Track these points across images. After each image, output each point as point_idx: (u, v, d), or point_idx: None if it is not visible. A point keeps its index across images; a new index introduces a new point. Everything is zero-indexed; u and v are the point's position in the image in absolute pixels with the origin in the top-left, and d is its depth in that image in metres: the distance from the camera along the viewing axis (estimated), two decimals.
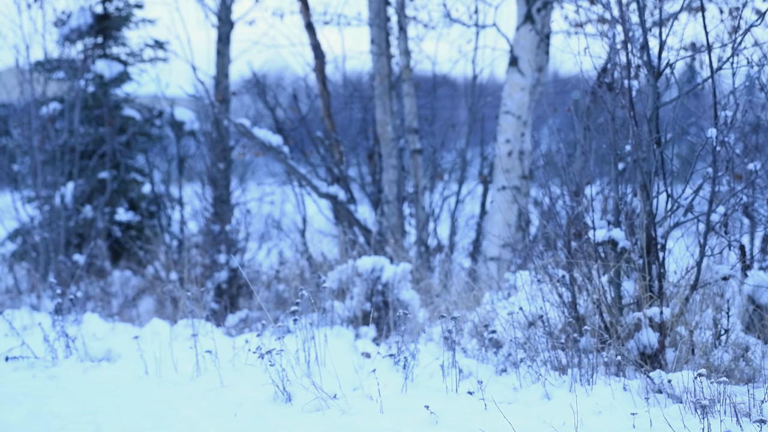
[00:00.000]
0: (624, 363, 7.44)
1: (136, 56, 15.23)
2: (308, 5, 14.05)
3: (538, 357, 7.50)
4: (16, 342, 8.57)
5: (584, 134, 8.76)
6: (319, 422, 6.44)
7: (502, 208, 12.36)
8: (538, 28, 12.38)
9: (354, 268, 10.22)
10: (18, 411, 6.65)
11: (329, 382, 6.95)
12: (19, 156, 14.60)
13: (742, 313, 8.12)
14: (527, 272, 8.47)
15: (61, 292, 9.49)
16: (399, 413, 6.46)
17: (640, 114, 7.77)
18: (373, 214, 13.83)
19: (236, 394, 7.16)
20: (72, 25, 14.60)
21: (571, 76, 12.87)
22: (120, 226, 14.72)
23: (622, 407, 6.53)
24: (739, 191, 7.82)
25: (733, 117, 7.64)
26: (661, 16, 8.24)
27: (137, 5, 15.12)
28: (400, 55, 13.56)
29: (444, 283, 11.10)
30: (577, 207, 7.92)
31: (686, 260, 7.95)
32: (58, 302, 8.77)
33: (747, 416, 6.20)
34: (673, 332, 7.57)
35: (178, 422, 6.46)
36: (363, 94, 14.97)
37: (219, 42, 14.59)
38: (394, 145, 13.31)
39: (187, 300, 9.01)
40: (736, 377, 7.32)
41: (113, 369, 8.25)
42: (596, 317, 7.67)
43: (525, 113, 12.43)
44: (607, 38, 8.33)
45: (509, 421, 6.06)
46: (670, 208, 7.81)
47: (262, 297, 12.03)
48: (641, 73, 7.95)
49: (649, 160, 7.73)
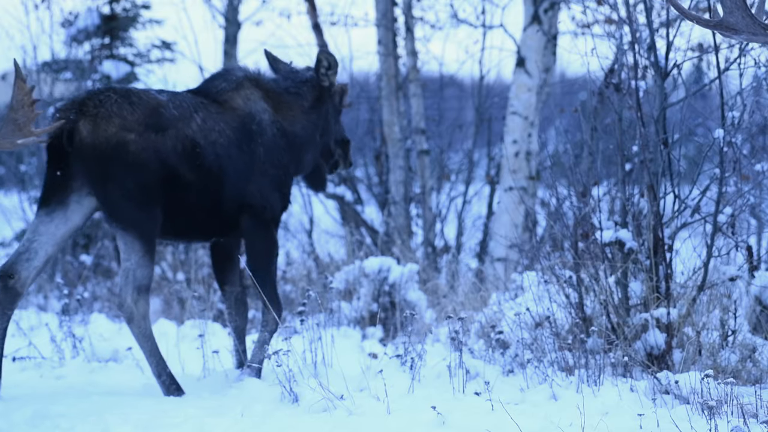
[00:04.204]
0: (631, 364, 7.43)
1: (143, 57, 15.25)
2: (315, 6, 14.06)
3: (545, 358, 7.49)
4: (23, 342, 8.59)
5: (591, 135, 8.75)
6: (326, 423, 6.43)
7: (509, 209, 12.36)
8: (545, 28, 12.38)
9: (361, 268, 10.23)
10: (25, 411, 6.65)
11: (336, 383, 6.95)
12: (26, 156, 14.62)
13: (749, 314, 8.11)
14: (534, 273, 8.46)
15: (68, 292, 9.50)
16: (406, 414, 6.46)
17: (648, 115, 7.77)
18: (380, 214, 13.84)
19: (243, 395, 7.16)
20: (79, 26, 14.62)
21: (578, 76, 12.86)
22: None
23: (629, 408, 6.53)
24: (747, 192, 7.81)
25: (740, 118, 7.63)
26: (669, 16, 8.23)
27: (144, 6, 15.14)
28: (407, 55, 13.56)
29: (451, 284, 11.11)
30: (584, 208, 7.91)
31: (693, 261, 7.93)
32: (66, 303, 8.78)
33: (754, 417, 6.18)
34: (680, 333, 7.56)
35: (186, 422, 6.46)
36: (370, 95, 14.97)
37: (226, 43, 14.61)
38: (402, 146, 13.32)
39: (194, 300, 9.01)
40: (744, 378, 7.31)
41: (120, 369, 8.26)
42: (603, 318, 7.66)
43: (532, 114, 12.42)
44: (614, 39, 8.33)
45: (516, 422, 6.06)
46: (677, 208, 7.81)
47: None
48: (648, 74, 7.95)
49: (657, 161, 7.72)
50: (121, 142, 7.00)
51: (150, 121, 7.10)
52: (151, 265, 7.09)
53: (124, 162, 7.00)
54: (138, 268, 7.05)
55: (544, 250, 8.51)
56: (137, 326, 7.13)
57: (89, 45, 14.75)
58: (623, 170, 7.86)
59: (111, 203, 7.00)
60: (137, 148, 7.03)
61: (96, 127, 6.99)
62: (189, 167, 7.25)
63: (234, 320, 7.85)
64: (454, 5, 14.24)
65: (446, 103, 15.50)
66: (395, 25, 13.41)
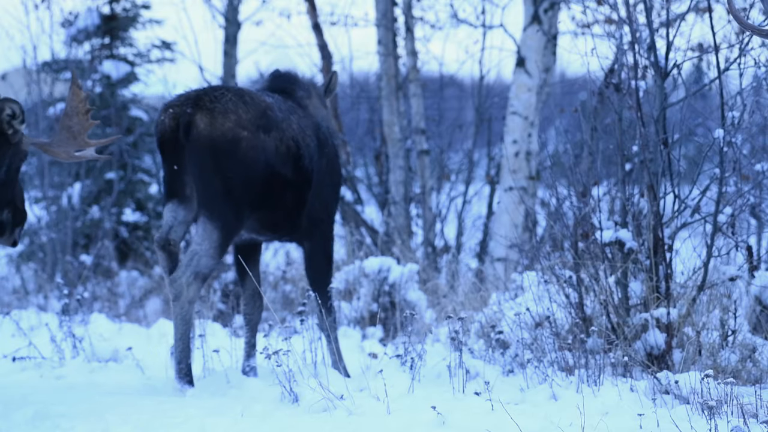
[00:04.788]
0: (631, 364, 7.43)
1: (143, 57, 15.27)
2: (315, 6, 14.07)
3: (545, 358, 7.49)
4: (23, 342, 8.58)
5: (591, 135, 8.75)
6: (326, 423, 6.44)
7: (509, 209, 12.36)
8: (545, 28, 12.38)
9: (361, 268, 10.23)
10: (26, 411, 6.66)
11: (336, 383, 6.95)
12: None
13: (749, 314, 8.11)
14: (534, 273, 8.46)
15: (68, 292, 9.50)
16: (406, 414, 6.46)
17: (648, 115, 7.77)
18: (380, 214, 13.84)
19: (243, 395, 7.16)
20: (79, 26, 14.63)
21: (578, 76, 12.85)
22: (127, 226, 14.75)
23: (629, 408, 6.53)
24: (747, 192, 7.81)
25: (740, 118, 7.64)
26: (669, 16, 8.24)
27: (144, 6, 15.15)
28: (407, 55, 13.56)
29: (451, 284, 11.11)
30: (584, 208, 7.91)
31: (693, 261, 7.94)
32: (66, 303, 8.78)
33: (754, 417, 6.19)
34: (680, 333, 7.57)
35: (186, 422, 6.46)
36: (370, 95, 14.97)
37: (226, 43, 14.62)
38: (402, 146, 13.33)
39: None
40: (744, 378, 7.31)
41: (120, 369, 8.26)
42: (603, 318, 7.67)
43: (532, 114, 12.43)
44: (614, 39, 8.33)
45: (516, 422, 6.06)
46: (677, 208, 7.81)
47: (269, 297, 12.04)
48: (648, 74, 7.95)
49: (656, 161, 7.72)
50: (235, 138, 7.23)
51: (260, 121, 7.34)
52: (218, 259, 7.32)
53: (235, 158, 7.22)
54: (205, 256, 7.24)
55: (544, 250, 8.51)
56: (181, 307, 7.27)
57: (89, 45, 14.76)
58: (623, 170, 7.86)
59: (210, 193, 7.23)
60: (248, 145, 7.26)
61: (213, 120, 7.21)
62: (288, 168, 7.50)
63: (250, 313, 7.99)
64: (454, 5, 14.25)
65: (446, 103, 15.50)
66: (395, 25, 13.41)
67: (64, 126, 6.97)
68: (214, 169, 7.20)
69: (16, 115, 6.86)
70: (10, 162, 6.94)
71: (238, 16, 14.59)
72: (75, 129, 6.96)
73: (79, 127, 6.96)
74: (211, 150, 7.20)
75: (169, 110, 7.30)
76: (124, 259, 14.58)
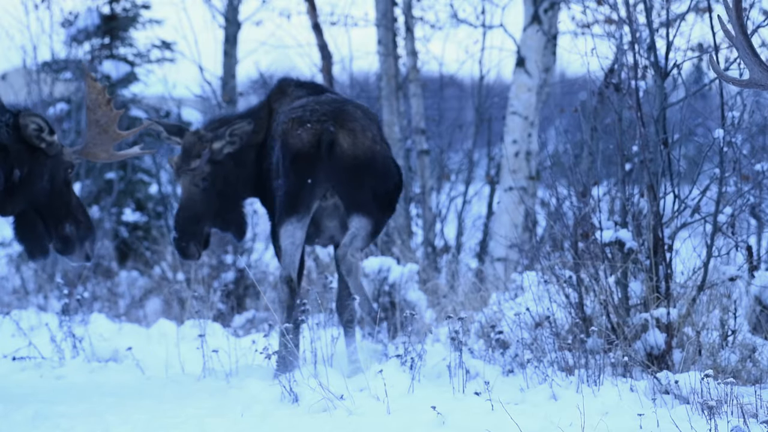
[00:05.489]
0: (631, 364, 7.43)
1: (143, 57, 15.26)
2: (315, 6, 14.06)
3: (545, 358, 7.49)
4: (23, 342, 8.58)
5: (591, 135, 8.76)
6: (326, 423, 6.44)
7: (509, 209, 12.36)
8: (545, 28, 12.38)
9: (361, 268, 10.22)
10: (26, 411, 6.66)
11: (336, 383, 6.95)
12: None
13: (749, 314, 8.11)
14: (534, 273, 8.47)
15: (68, 292, 9.49)
16: (406, 414, 6.46)
17: (647, 115, 7.77)
18: None
19: (243, 395, 7.16)
20: (79, 26, 14.63)
21: (578, 76, 12.85)
22: (127, 226, 14.74)
23: (629, 408, 6.53)
24: (747, 192, 7.81)
25: (740, 118, 7.64)
26: (668, 16, 8.24)
27: (144, 6, 15.15)
28: (407, 55, 13.56)
29: (451, 284, 11.10)
30: (584, 208, 7.91)
31: (693, 261, 7.94)
32: (66, 302, 8.78)
33: (754, 417, 6.19)
34: (680, 333, 7.56)
35: (186, 422, 6.47)
36: (370, 95, 14.96)
37: (226, 43, 14.61)
38: (402, 146, 13.32)
39: (194, 300, 9.02)
40: (743, 378, 7.31)
41: (120, 369, 8.26)
42: (603, 318, 7.67)
43: (532, 114, 12.43)
44: (614, 39, 8.33)
45: (516, 422, 6.06)
46: (677, 208, 7.81)
47: (269, 297, 12.04)
48: (648, 74, 7.95)
49: (656, 161, 7.72)
50: (373, 153, 7.92)
51: (382, 134, 8.13)
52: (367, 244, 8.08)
53: (374, 170, 7.91)
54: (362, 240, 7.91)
55: (544, 250, 8.51)
56: (354, 278, 7.89)
57: (89, 45, 14.76)
58: (623, 170, 7.86)
59: (359, 203, 7.89)
60: (381, 157, 7.96)
61: (355, 139, 7.86)
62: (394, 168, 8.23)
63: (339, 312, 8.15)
64: (454, 5, 14.23)
65: (446, 103, 15.50)
66: (395, 25, 13.40)
67: (91, 121, 6.97)
68: (359, 183, 7.85)
69: (42, 128, 6.88)
70: (53, 174, 6.96)
71: (238, 16, 14.58)
72: (103, 121, 6.97)
73: (107, 118, 6.98)
74: (355, 166, 7.85)
75: (306, 125, 7.78)
76: (124, 259, 14.58)
